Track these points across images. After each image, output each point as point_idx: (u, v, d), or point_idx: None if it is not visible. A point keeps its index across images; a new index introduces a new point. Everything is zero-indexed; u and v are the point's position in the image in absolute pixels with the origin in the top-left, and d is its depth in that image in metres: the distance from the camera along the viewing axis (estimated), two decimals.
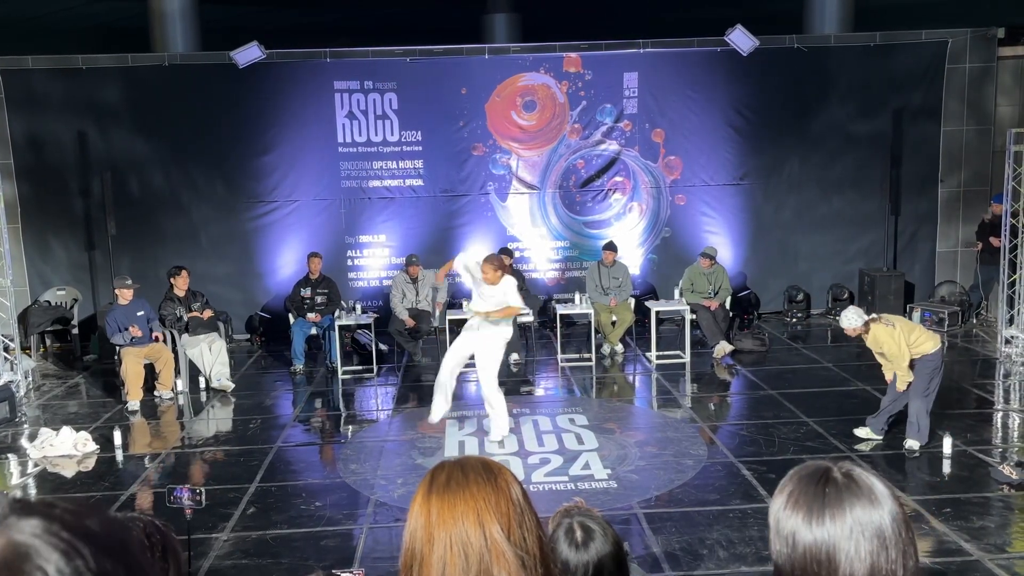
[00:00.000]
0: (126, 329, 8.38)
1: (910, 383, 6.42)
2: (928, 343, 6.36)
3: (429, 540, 1.30)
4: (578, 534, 2.15)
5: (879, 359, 6.55)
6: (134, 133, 10.74)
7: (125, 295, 8.54)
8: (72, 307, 10.55)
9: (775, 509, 1.33)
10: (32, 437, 7.21)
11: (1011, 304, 9.24)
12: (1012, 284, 9.20)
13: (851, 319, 6.40)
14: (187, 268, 9.18)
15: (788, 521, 1.30)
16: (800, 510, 1.29)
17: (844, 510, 1.27)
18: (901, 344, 6.25)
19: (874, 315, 6.54)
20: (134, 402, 8.27)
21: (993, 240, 10.21)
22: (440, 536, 1.30)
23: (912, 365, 6.37)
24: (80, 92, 10.62)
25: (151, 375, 8.64)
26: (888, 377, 6.58)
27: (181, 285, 8.99)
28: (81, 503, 0.76)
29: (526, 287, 10.14)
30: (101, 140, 10.72)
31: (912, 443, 6.48)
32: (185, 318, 8.97)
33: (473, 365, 9.59)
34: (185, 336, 8.93)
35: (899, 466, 6.22)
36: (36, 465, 6.83)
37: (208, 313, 9.13)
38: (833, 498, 1.28)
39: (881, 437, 6.72)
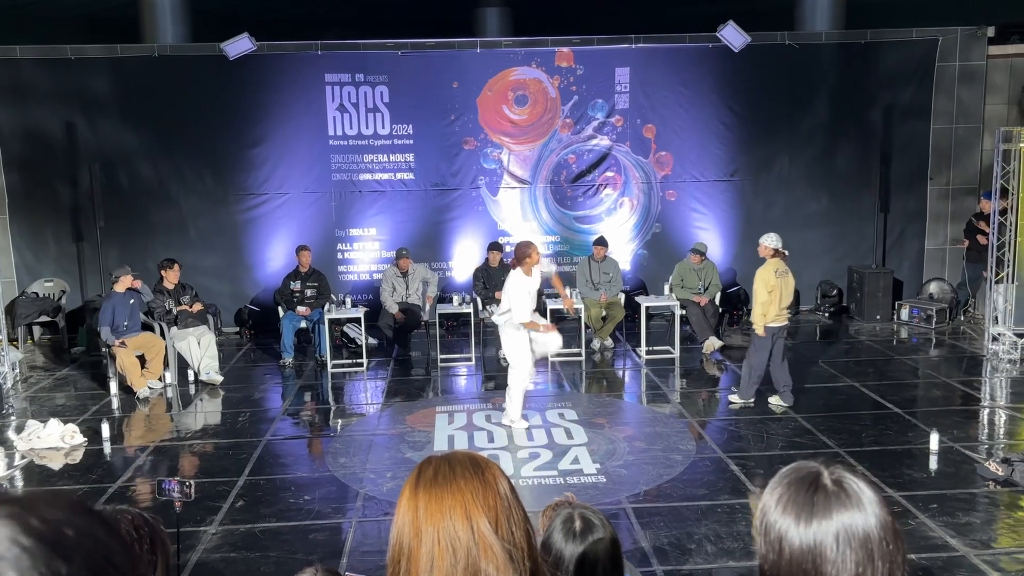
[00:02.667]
0: (121, 329, 8.38)
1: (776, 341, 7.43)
2: (781, 318, 7.37)
3: (417, 535, 1.30)
4: (577, 524, 2.15)
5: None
6: (123, 124, 10.68)
7: (126, 283, 8.52)
8: (60, 299, 10.49)
9: (764, 512, 1.32)
10: (19, 429, 7.17)
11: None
12: (999, 281, 9.25)
13: (770, 239, 7.42)
14: (179, 262, 9.16)
15: (776, 526, 1.29)
16: (788, 516, 1.27)
17: (832, 518, 1.25)
18: (763, 292, 7.23)
19: (784, 255, 7.40)
20: (143, 390, 8.32)
21: (980, 238, 10.29)
22: (428, 531, 1.30)
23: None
24: (69, 82, 10.55)
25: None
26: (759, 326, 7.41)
27: (172, 279, 8.98)
28: (67, 503, 0.74)
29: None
30: (90, 131, 10.65)
31: (736, 397, 7.65)
32: (174, 311, 8.94)
33: (463, 360, 9.61)
34: (174, 329, 8.90)
35: (885, 463, 6.26)
36: (23, 457, 6.79)
37: (198, 306, 9.10)
38: (821, 505, 1.26)
39: (787, 403, 7.49)
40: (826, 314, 11.28)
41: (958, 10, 12.43)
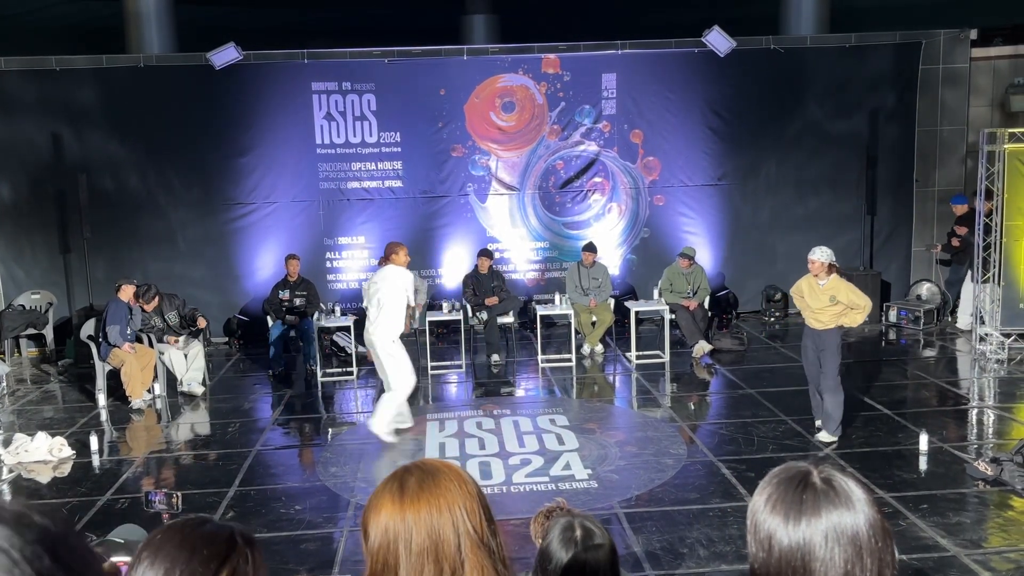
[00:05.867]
0: (123, 335, 8.34)
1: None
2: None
3: (407, 547, 1.31)
4: (578, 532, 2.15)
5: (806, 306, 6.75)
6: (109, 135, 10.63)
7: (128, 291, 8.48)
8: (47, 311, 10.43)
9: (753, 511, 1.32)
10: (7, 443, 7.11)
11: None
12: (986, 282, 9.30)
13: (826, 253, 6.61)
14: (152, 288, 8.79)
15: (765, 525, 1.29)
16: (778, 515, 1.28)
17: (821, 516, 1.26)
18: (862, 298, 6.56)
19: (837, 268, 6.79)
20: (138, 401, 8.28)
21: (954, 240, 10.53)
22: (416, 541, 1.30)
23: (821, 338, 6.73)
24: (54, 94, 10.50)
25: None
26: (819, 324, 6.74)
27: (148, 308, 8.84)
28: (54, 515, 0.78)
29: (506, 288, 10.15)
30: (76, 142, 10.60)
31: (827, 436, 6.74)
32: (160, 324, 8.90)
33: (453, 367, 9.60)
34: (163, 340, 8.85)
35: (875, 464, 6.28)
36: (11, 471, 6.74)
37: (201, 322, 9.10)
38: (811, 504, 1.27)
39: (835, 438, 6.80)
40: None
41: (941, 14, 12.54)
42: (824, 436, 6.74)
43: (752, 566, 1.31)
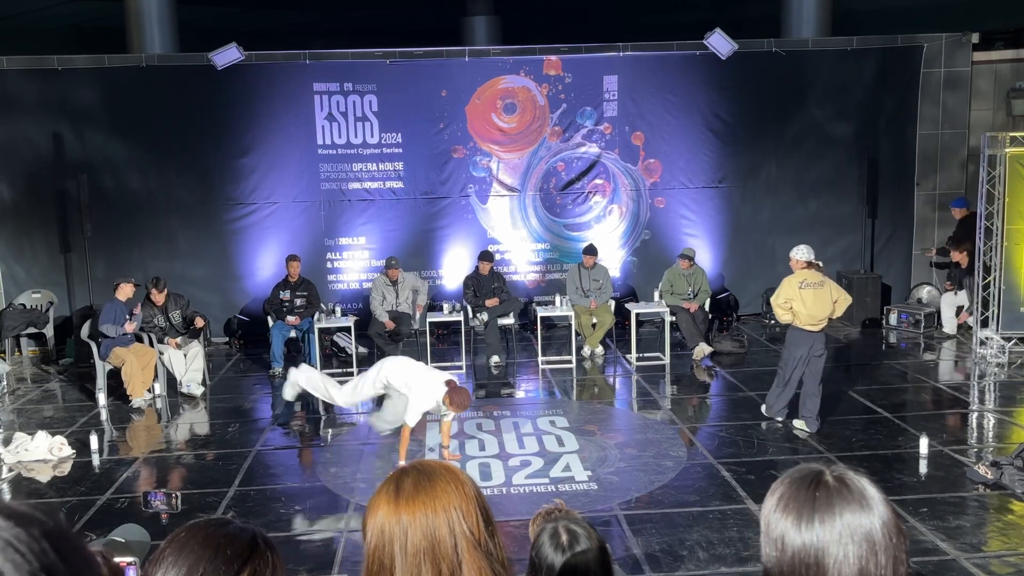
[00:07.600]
0: (121, 325, 8.32)
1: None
2: (813, 326, 6.85)
3: (402, 549, 1.31)
4: (563, 537, 2.15)
5: None
6: (110, 135, 10.64)
7: (126, 290, 8.48)
8: (47, 310, 10.43)
9: (766, 511, 1.32)
10: (7, 442, 7.11)
11: (986, 306, 9.32)
12: (986, 286, 9.29)
13: (802, 252, 7.06)
14: (165, 281, 9.02)
15: (778, 524, 1.29)
16: (790, 513, 1.28)
17: (834, 514, 1.26)
18: (781, 298, 6.92)
19: (814, 272, 6.93)
20: (138, 400, 8.28)
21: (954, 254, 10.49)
22: (412, 543, 1.30)
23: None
24: (56, 93, 10.50)
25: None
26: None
27: (158, 300, 8.89)
28: (57, 516, 0.80)
29: (506, 289, 10.15)
30: (77, 142, 10.60)
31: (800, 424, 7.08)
32: (162, 324, 8.91)
33: (453, 368, 9.56)
34: (165, 339, 8.86)
35: (876, 467, 6.27)
36: (10, 470, 6.74)
37: (199, 322, 9.09)
38: (823, 502, 1.27)
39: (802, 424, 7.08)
40: None
41: (943, 17, 12.55)
42: (798, 424, 7.08)
43: (765, 566, 1.32)
